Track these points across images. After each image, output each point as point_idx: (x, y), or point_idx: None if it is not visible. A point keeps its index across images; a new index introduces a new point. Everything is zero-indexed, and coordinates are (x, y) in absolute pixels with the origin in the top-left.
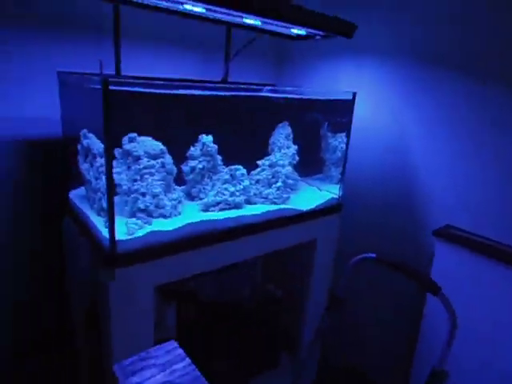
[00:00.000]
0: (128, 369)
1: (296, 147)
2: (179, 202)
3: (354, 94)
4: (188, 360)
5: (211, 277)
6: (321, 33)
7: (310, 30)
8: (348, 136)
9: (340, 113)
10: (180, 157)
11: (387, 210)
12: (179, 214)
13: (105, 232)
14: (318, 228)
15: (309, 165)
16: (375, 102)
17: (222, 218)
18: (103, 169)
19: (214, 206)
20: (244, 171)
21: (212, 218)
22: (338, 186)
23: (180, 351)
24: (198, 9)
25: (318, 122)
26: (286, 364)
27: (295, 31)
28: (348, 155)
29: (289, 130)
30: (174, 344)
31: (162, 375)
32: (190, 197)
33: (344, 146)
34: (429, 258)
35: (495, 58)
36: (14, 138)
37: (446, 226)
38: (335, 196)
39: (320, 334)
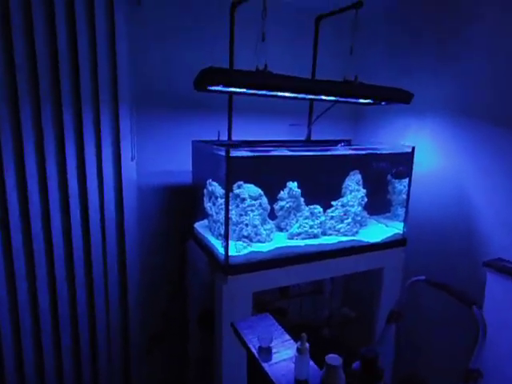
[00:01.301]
0: (241, 325)
1: (365, 191)
2: (271, 231)
3: (413, 148)
4: (277, 324)
5: (299, 300)
6: (383, 102)
7: (374, 100)
8: (409, 181)
9: (403, 162)
10: (273, 198)
11: (446, 244)
12: (271, 240)
13: (221, 250)
14: (385, 258)
15: (379, 205)
16: (437, 150)
17: (303, 244)
18: (223, 206)
19: (297, 235)
20: (321, 209)
21: (296, 245)
22: (403, 224)
23: (272, 319)
24: (288, 94)
25: (385, 170)
26: None
27: (363, 101)
28: (412, 197)
29: (359, 176)
30: (268, 315)
31: (262, 329)
32: (280, 229)
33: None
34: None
35: None
36: (161, 185)
37: (497, 259)
38: (400, 231)
39: (382, 344)
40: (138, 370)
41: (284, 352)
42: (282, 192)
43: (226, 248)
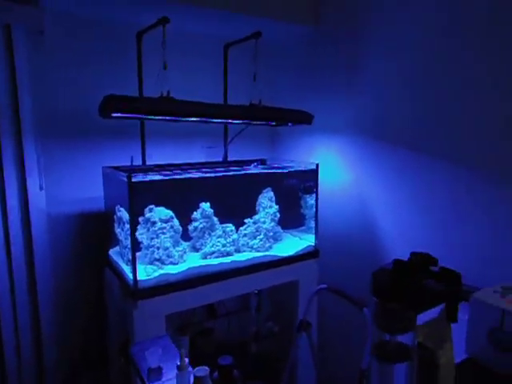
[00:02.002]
0: (136, 348)
1: (277, 207)
2: (184, 252)
3: (317, 165)
4: (172, 344)
5: (227, 318)
6: (288, 123)
7: (276, 122)
8: (316, 196)
9: (310, 178)
10: (187, 219)
11: (353, 254)
12: (184, 261)
13: (130, 275)
14: (298, 271)
15: (294, 219)
16: (343, 168)
17: (216, 263)
18: (129, 232)
19: (210, 254)
20: (233, 228)
21: (208, 264)
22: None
23: (168, 340)
24: (193, 118)
25: (296, 186)
26: None
27: (266, 122)
28: (322, 211)
29: (271, 194)
30: (166, 336)
31: (156, 350)
32: (195, 249)
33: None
34: None
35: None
36: (74, 213)
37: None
38: (312, 244)
39: (293, 352)
40: None
41: (174, 371)
42: (195, 213)
43: (134, 272)
